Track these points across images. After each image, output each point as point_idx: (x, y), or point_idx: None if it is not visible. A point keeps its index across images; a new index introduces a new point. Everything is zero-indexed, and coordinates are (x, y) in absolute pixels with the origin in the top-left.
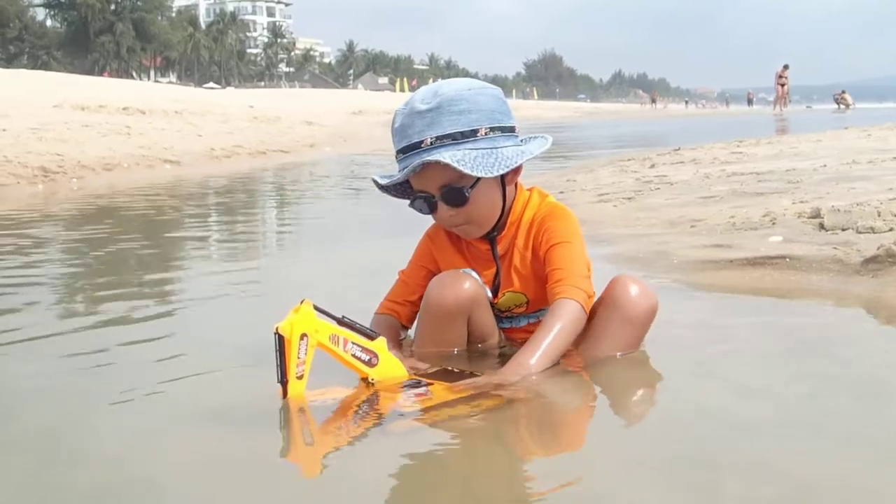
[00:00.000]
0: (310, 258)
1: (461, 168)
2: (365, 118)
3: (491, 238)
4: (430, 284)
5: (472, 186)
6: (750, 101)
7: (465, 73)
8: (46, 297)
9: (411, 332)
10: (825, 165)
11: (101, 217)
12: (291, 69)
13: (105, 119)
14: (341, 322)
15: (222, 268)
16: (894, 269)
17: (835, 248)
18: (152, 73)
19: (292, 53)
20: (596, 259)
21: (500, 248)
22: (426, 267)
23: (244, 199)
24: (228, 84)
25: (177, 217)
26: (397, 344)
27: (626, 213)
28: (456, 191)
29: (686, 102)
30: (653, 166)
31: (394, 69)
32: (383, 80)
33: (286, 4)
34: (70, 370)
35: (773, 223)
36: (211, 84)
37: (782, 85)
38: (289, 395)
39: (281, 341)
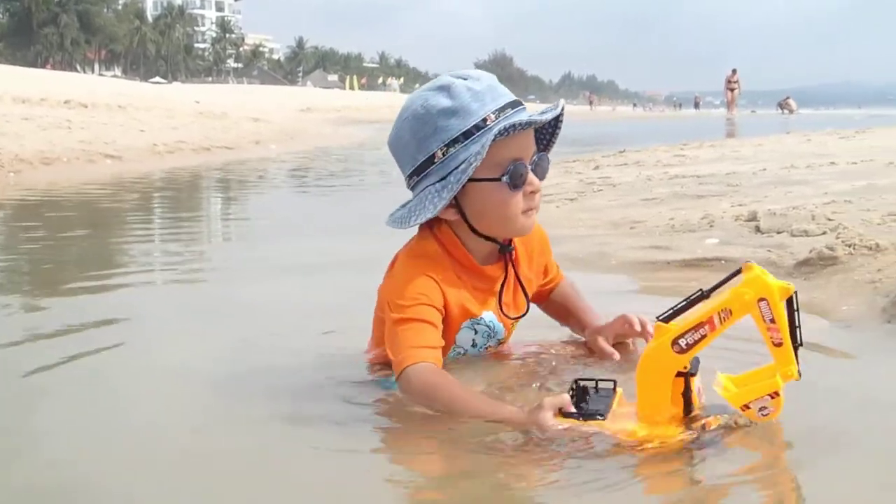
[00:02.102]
0: (253, 257)
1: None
2: (314, 115)
3: (509, 251)
4: None
5: None
6: (697, 105)
7: (416, 72)
8: None
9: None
10: (765, 169)
11: (38, 212)
12: (240, 65)
13: (46, 112)
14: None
15: (163, 266)
16: (826, 272)
17: (769, 250)
18: (97, 66)
19: (241, 49)
20: None
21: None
22: (441, 309)
23: (182, 196)
24: (175, 79)
25: (116, 213)
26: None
27: (569, 213)
28: (547, 160)
29: (634, 105)
30: (597, 168)
31: (344, 67)
32: (333, 78)
33: None
34: (8, 372)
35: (711, 225)
36: (157, 79)
37: (732, 90)
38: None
39: (790, 302)
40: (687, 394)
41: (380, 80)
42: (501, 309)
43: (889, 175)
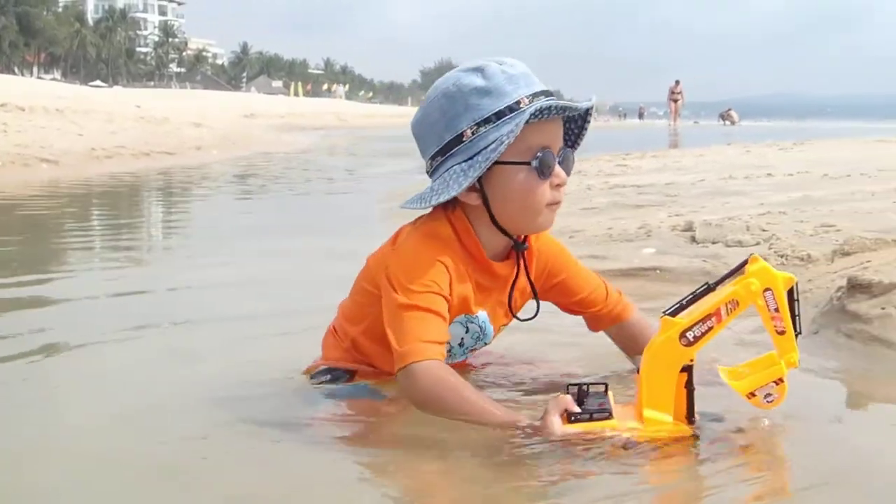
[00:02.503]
0: (184, 266)
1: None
2: (257, 121)
3: (523, 248)
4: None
5: None
6: (641, 115)
7: (361, 79)
8: None
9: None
10: (703, 180)
11: None
12: (183, 70)
13: None
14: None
15: (100, 271)
16: None
17: (704, 260)
18: (36, 69)
19: (184, 53)
20: None
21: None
22: (449, 299)
23: (119, 202)
24: (116, 83)
25: (51, 218)
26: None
27: None
28: (573, 156)
29: None
30: None
31: (288, 73)
32: (277, 84)
33: (179, 3)
34: None
35: (649, 235)
36: (98, 82)
37: (675, 101)
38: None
39: (791, 292)
40: (690, 386)
41: (325, 87)
42: (511, 308)
43: (824, 187)
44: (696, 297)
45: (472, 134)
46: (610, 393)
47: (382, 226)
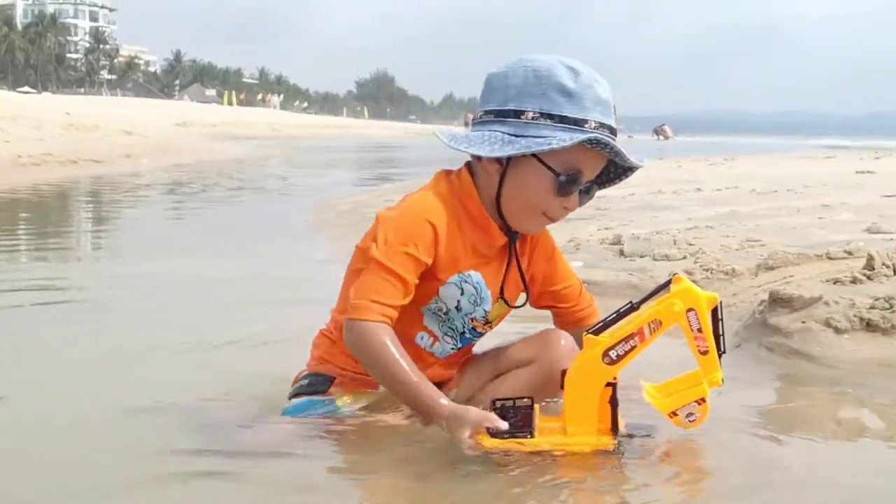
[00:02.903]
0: (117, 274)
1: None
2: (190, 130)
3: (515, 237)
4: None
5: None
6: None
7: (296, 90)
8: None
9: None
10: (633, 194)
11: None
12: (114, 77)
13: None
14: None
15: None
16: None
17: (631, 274)
18: None
19: (115, 60)
20: None
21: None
22: (424, 262)
23: (40, 211)
24: (45, 89)
25: None
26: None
27: None
28: (595, 193)
29: None
30: None
31: (222, 82)
32: (211, 93)
33: (110, 10)
34: None
35: (578, 248)
36: (26, 88)
37: None
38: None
39: (715, 312)
40: (614, 402)
41: (259, 97)
42: (503, 293)
43: (751, 202)
44: (620, 316)
45: (532, 118)
46: (536, 406)
47: (312, 236)
